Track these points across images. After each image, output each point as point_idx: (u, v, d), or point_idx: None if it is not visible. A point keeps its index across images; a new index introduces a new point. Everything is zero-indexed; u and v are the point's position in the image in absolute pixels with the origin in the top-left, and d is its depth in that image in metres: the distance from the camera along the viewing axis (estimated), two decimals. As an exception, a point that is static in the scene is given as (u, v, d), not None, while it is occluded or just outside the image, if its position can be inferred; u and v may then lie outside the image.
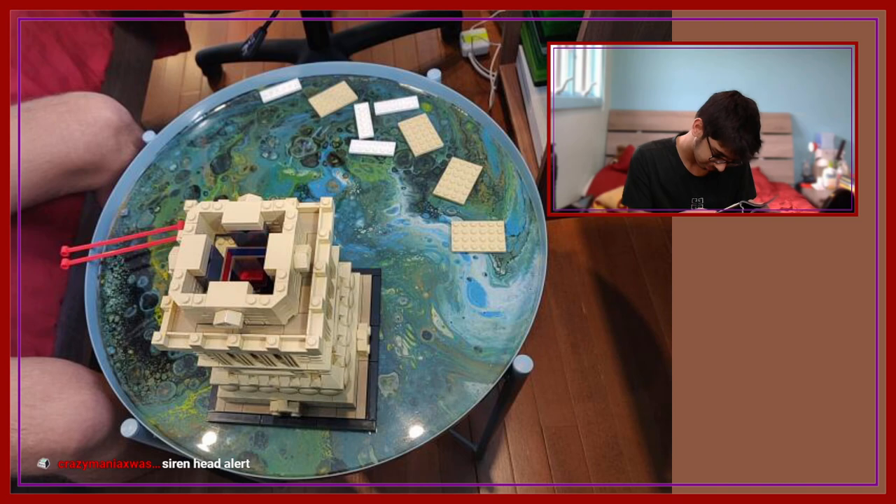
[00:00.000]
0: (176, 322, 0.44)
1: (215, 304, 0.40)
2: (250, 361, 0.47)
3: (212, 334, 0.42)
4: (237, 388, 0.53)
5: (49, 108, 0.72)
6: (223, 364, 0.48)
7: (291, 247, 0.42)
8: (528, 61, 1.32)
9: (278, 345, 0.41)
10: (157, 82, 1.61)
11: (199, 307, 0.40)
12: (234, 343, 0.42)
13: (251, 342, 0.42)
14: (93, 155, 0.73)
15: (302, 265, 0.43)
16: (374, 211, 0.69)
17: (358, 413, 0.57)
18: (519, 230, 0.67)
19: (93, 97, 0.76)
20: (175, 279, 0.41)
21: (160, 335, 0.42)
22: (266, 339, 0.41)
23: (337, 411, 0.57)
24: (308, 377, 0.50)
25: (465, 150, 0.74)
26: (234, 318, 0.40)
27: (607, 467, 1.06)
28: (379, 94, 0.80)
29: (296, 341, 0.42)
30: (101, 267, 0.68)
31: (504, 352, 0.60)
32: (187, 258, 0.42)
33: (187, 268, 0.42)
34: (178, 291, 0.41)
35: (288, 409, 0.54)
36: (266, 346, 0.41)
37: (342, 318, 0.54)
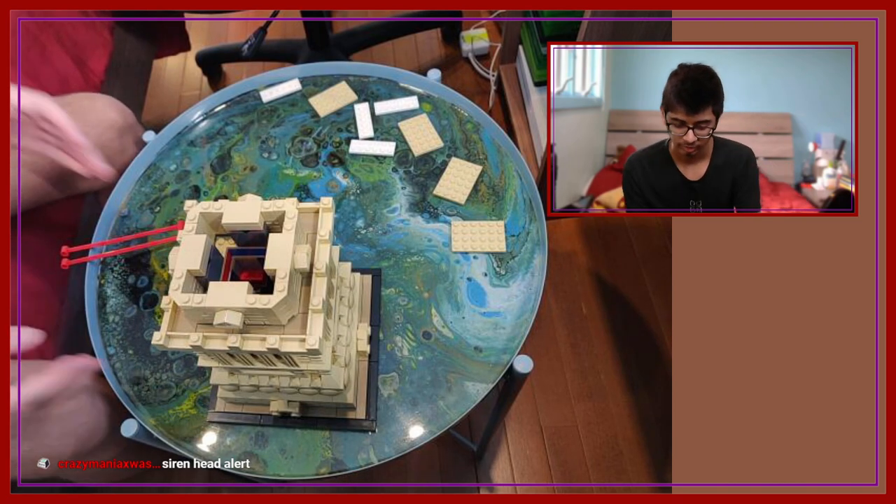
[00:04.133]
0: (176, 322, 0.44)
1: (215, 304, 0.40)
2: (250, 361, 0.47)
3: (212, 334, 0.42)
4: (237, 388, 0.53)
5: None
6: (223, 364, 0.48)
7: (292, 247, 0.42)
8: (528, 61, 1.32)
9: (278, 345, 0.41)
10: (157, 82, 1.61)
11: (199, 307, 0.40)
12: (235, 343, 0.42)
13: (251, 342, 0.42)
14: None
15: (302, 265, 0.43)
16: (374, 211, 0.69)
17: (358, 413, 0.57)
18: (519, 230, 0.67)
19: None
20: (175, 279, 0.41)
21: (160, 335, 0.42)
22: (266, 340, 0.41)
23: (337, 411, 0.57)
24: (308, 377, 0.50)
25: (465, 150, 0.74)
26: (234, 319, 0.40)
27: (607, 467, 1.06)
28: (379, 94, 0.80)
29: (296, 341, 0.42)
30: (101, 267, 0.68)
31: (504, 352, 0.60)
32: (187, 258, 0.42)
33: (187, 268, 0.42)
34: (179, 292, 0.41)
35: (288, 409, 0.54)
36: (266, 346, 0.41)
37: (342, 318, 0.54)
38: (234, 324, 0.40)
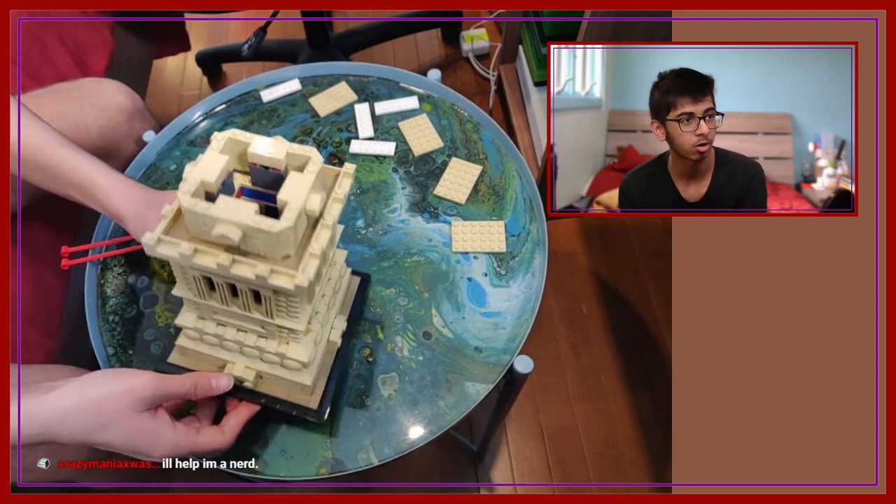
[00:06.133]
0: (172, 230, 0.42)
1: (221, 214, 0.39)
2: (227, 300, 0.46)
3: (204, 249, 0.41)
4: (201, 336, 0.51)
5: (61, 93, 0.71)
6: (199, 299, 0.47)
7: (309, 187, 0.41)
8: (528, 61, 1.32)
9: (268, 275, 0.40)
10: (157, 82, 1.61)
11: (204, 214, 0.39)
12: (225, 262, 0.40)
13: (241, 266, 0.41)
14: (106, 140, 0.71)
15: (313, 207, 0.42)
16: (374, 211, 0.69)
17: (311, 402, 0.54)
18: (519, 230, 0.67)
19: (106, 82, 0.74)
20: (187, 183, 0.40)
21: (152, 236, 0.41)
22: (257, 267, 0.40)
23: (290, 394, 0.55)
24: (276, 340, 0.49)
25: (465, 150, 0.74)
26: (233, 233, 0.39)
27: (607, 467, 1.06)
28: (379, 94, 0.80)
29: (287, 276, 0.41)
30: (101, 267, 0.68)
31: (504, 352, 0.60)
32: (205, 170, 0.41)
33: (202, 178, 0.40)
34: (188, 195, 0.39)
35: (244, 375, 0.52)
36: (255, 272, 0.40)
37: (325, 296, 0.53)
38: (231, 238, 0.39)
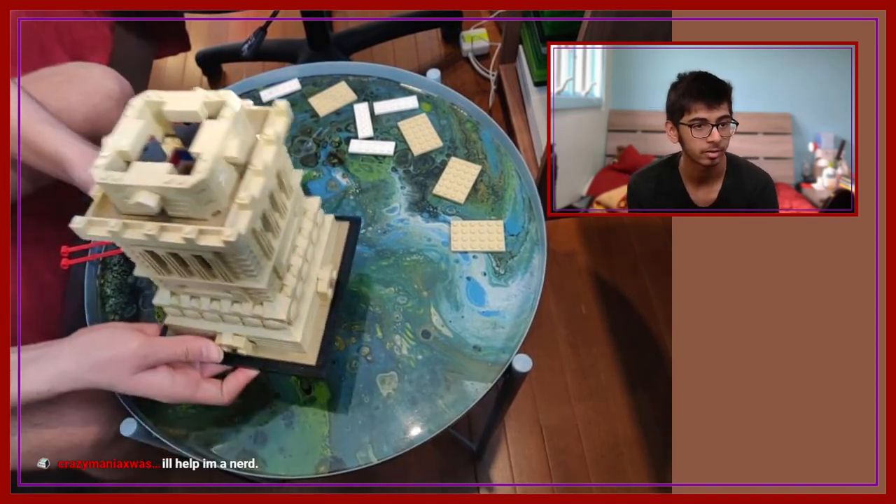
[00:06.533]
0: (102, 210, 0.41)
1: (134, 181, 0.38)
2: (183, 270, 0.44)
3: (132, 222, 0.40)
4: (181, 312, 0.50)
5: (45, 78, 0.69)
6: (161, 275, 0.45)
7: (223, 133, 0.39)
8: (528, 61, 1.32)
9: (195, 236, 0.38)
10: (157, 82, 1.61)
11: (118, 184, 0.38)
12: (151, 232, 0.38)
13: (169, 233, 0.39)
14: (93, 126, 0.69)
15: (232, 153, 0.40)
16: (373, 210, 0.69)
17: (307, 358, 0.53)
18: (518, 230, 0.67)
19: (93, 67, 0.72)
20: (101, 157, 0.39)
21: (82, 219, 0.40)
22: (182, 230, 0.39)
23: (286, 354, 0.53)
24: (250, 303, 0.48)
25: (464, 150, 0.74)
26: (149, 199, 0.37)
27: (607, 467, 1.06)
28: (378, 93, 0.80)
29: (214, 234, 0.39)
30: (101, 267, 0.68)
31: (503, 351, 0.60)
32: (120, 140, 0.39)
33: (118, 147, 0.39)
34: (101, 169, 0.38)
35: (233, 343, 0.51)
36: (182, 236, 0.38)
37: (298, 248, 0.51)
38: (149, 205, 0.37)
